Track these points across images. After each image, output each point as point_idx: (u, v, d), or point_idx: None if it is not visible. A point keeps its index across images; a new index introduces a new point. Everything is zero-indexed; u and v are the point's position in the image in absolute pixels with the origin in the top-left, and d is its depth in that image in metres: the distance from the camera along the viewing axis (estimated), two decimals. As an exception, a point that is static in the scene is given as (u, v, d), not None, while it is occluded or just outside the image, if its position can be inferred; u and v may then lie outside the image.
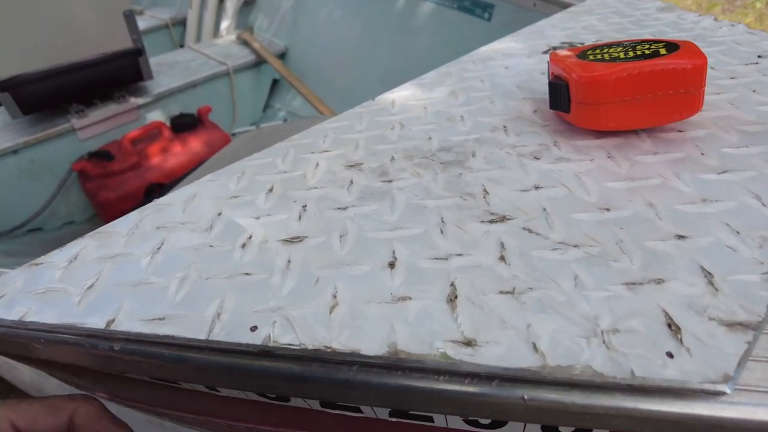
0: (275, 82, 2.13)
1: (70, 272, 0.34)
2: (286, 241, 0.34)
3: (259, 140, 1.20)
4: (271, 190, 0.41)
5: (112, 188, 1.54)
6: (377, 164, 0.42)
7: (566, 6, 1.05)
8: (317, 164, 0.44)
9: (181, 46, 2.54)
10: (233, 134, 1.94)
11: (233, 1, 2.24)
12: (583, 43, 0.64)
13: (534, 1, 1.13)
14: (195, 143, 1.68)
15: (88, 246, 0.37)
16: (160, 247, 0.35)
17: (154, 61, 1.84)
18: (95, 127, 1.66)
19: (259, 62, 2.02)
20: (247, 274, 0.32)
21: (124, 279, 0.33)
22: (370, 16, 1.77)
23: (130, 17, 1.57)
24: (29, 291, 0.33)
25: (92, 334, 0.29)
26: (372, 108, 0.54)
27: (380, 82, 1.74)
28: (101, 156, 1.57)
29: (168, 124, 1.70)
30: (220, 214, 0.38)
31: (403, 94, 0.56)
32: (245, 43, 2.08)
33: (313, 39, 2.01)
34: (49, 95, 1.57)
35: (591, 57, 0.42)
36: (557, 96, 0.43)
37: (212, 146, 1.71)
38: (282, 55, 2.08)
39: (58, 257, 0.36)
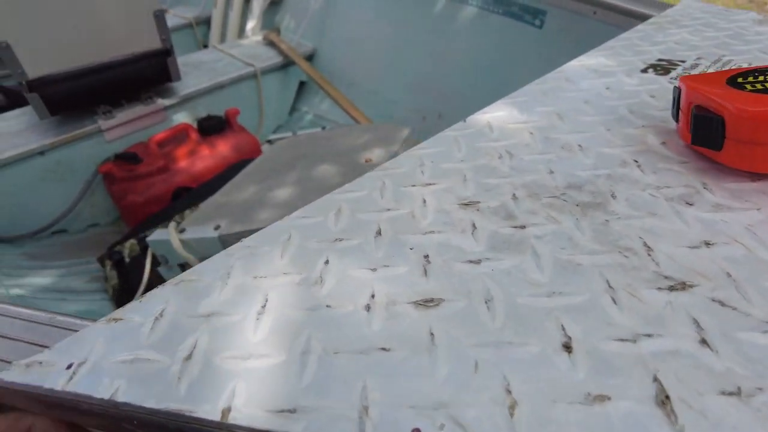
0: (302, 85, 2.08)
1: (159, 335, 0.29)
2: (418, 304, 0.29)
3: (297, 148, 1.14)
4: (379, 232, 0.35)
5: (139, 192, 1.49)
6: (497, 203, 0.37)
7: (632, 15, 0.99)
8: (424, 201, 0.38)
9: (205, 45, 2.49)
10: (269, 140, 1.89)
11: (260, 0, 2.19)
12: (684, 61, 0.58)
13: (594, 9, 1.07)
14: (223, 146, 1.63)
15: (172, 299, 0.32)
16: (264, 305, 0.30)
17: (180, 61, 1.80)
18: (122, 128, 1.62)
19: (286, 64, 1.97)
20: (384, 349, 0.26)
21: (228, 350, 0.28)
22: (404, 19, 1.71)
23: (160, 17, 1.53)
24: (115, 358, 0.28)
25: (205, 426, 0.24)
26: (466, 131, 0.48)
27: (412, 86, 1.69)
28: (128, 158, 1.53)
29: (195, 126, 1.65)
30: (327, 262, 0.33)
31: (498, 115, 0.51)
32: (272, 44, 2.03)
33: (343, 41, 1.96)
34: (77, 96, 1.53)
35: (749, 87, 0.36)
36: (705, 131, 0.37)
37: (240, 150, 1.66)
38: (309, 57, 2.03)
39: (139, 314, 0.31)
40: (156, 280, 1.28)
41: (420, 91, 1.66)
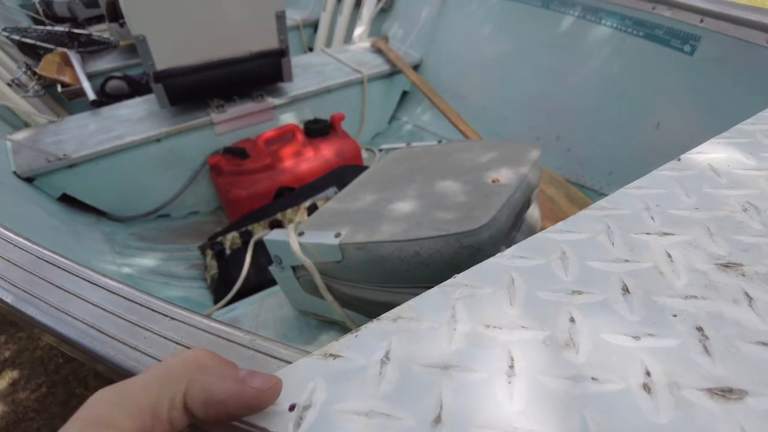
0: (404, 94, 2.07)
1: (392, 385, 0.25)
2: (713, 393, 0.23)
3: (414, 160, 1.11)
4: (626, 289, 0.30)
5: (244, 186, 1.52)
6: (766, 269, 0.31)
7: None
8: (668, 255, 0.33)
9: (310, 48, 2.55)
10: (380, 149, 1.89)
11: (370, 7, 2.20)
12: None
13: (767, 37, 0.96)
14: (326, 150, 1.64)
15: (394, 340, 0.28)
16: (512, 366, 0.26)
17: (289, 63, 1.84)
18: (231, 123, 1.67)
19: (392, 72, 1.95)
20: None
21: (482, 416, 0.23)
22: (523, 34, 1.65)
23: (281, 18, 1.56)
24: (344, 407, 0.25)
25: None
26: (685, 173, 0.42)
27: (526, 104, 1.62)
28: (236, 153, 1.56)
29: (301, 127, 1.67)
30: (572, 320, 0.28)
31: (718, 157, 0.44)
32: (379, 51, 2.02)
33: (452, 52, 1.92)
34: (195, 89, 1.59)
35: None
36: None
37: (342, 155, 1.66)
38: (415, 67, 2.01)
39: (359, 352, 0.28)
40: (253, 276, 1.30)
41: (535, 109, 1.58)
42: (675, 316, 0.28)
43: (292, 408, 0.25)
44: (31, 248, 0.46)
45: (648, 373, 0.25)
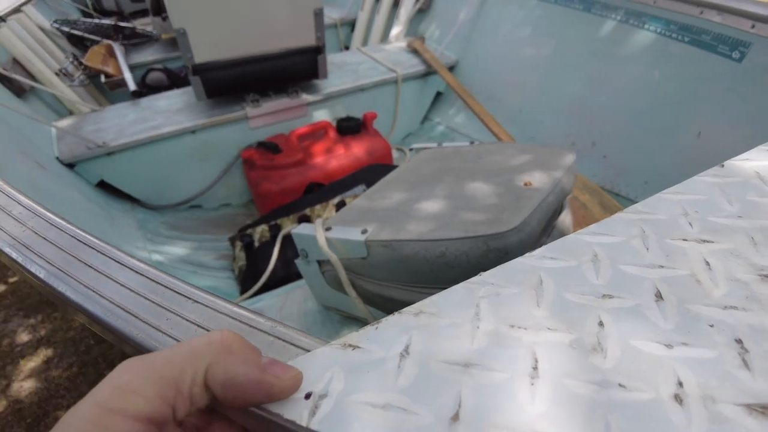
0: (437, 95, 2.06)
1: (411, 380, 0.25)
2: (752, 409, 0.22)
3: (445, 161, 1.10)
4: (659, 296, 0.29)
5: (275, 181, 1.54)
6: (814, 283, 0.29)
7: None
8: (707, 263, 0.31)
9: (346, 47, 2.56)
10: (411, 148, 1.89)
11: (407, 7, 2.19)
12: None
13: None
14: (357, 148, 1.64)
15: (415, 334, 0.28)
16: (535, 367, 0.25)
17: (324, 60, 1.85)
18: (265, 117, 1.69)
19: (427, 73, 1.95)
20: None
21: (502, 416, 0.23)
22: (563, 38, 1.61)
23: (319, 15, 1.57)
24: (360, 398, 0.24)
25: None
26: (729, 179, 0.40)
27: (563, 109, 1.58)
28: (269, 147, 1.58)
29: (334, 124, 1.68)
30: (601, 324, 0.27)
31: (764, 164, 0.42)
32: (415, 51, 2.02)
33: (488, 54, 1.90)
34: (232, 83, 1.62)
35: None
36: None
37: (373, 153, 1.66)
38: (450, 69, 1.99)
39: (379, 344, 0.27)
40: (280, 269, 1.31)
41: (571, 114, 1.55)
42: (712, 326, 0.26)
43: (308, 396, 0.25)
44: (68, 228, 0.47)
45: (680, 384, 0.23)
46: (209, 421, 0.26)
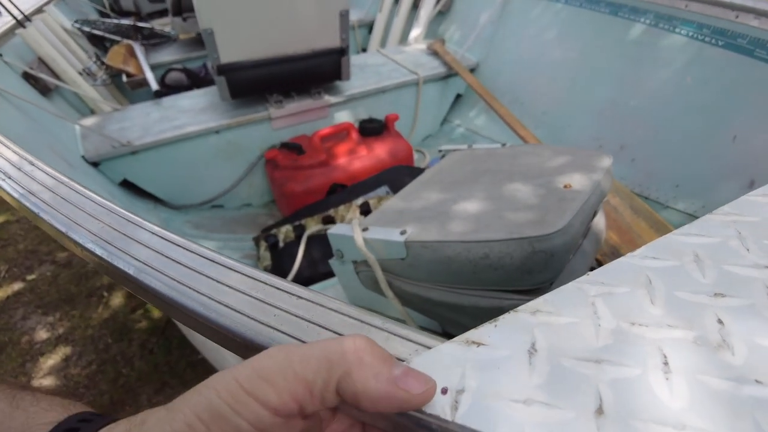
0: (457, 97, 2.06)
1: (545, 377, 0.25)
2: None
3: (478, 163, 1.10)
4: (774, 297, 0.29)
5: (299, 181, 1.55)
6: None
7: None
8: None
9: (364, 49, 2.57)
10: (440, 150, 1.89)
11: (427, 9, 2.20)
12: None
13: None
14: (380, 149, 1.65)
15: (537, 331, 0.28)
16: (666, 363, 0.25)
17: (345, 62, 1.86)
18: (288, 118, 1.70)
19: (447, 75, 1.95)
20: None
21: (645, 411, 0.23)
22: (589, 41, 1.61)
23: (344, 17, 1.58)
24: (498, 395, 0.24)
25: None
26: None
27: (591, 112, 1.58)
28: (293, 148, 1.59)
29: (356, 126, 1.69)
30: (720, 321, 0.27)
31: None
32: (435, 53, 2.02)
33: (511, 57, 1.90)
34: (256, 83, 1.62)
35: None
36: None
37: (395, 155, 1.67)
38: (471, 71, 2.00)
39: (503, 341, 0.27)
40: (306, 269, 1.31)
41: (598, 117, 1.55)
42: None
43: (444, 391, 0.25)
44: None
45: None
46: (335, 411, 0.26)
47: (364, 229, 0.95)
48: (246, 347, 0.32)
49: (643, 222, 1.16)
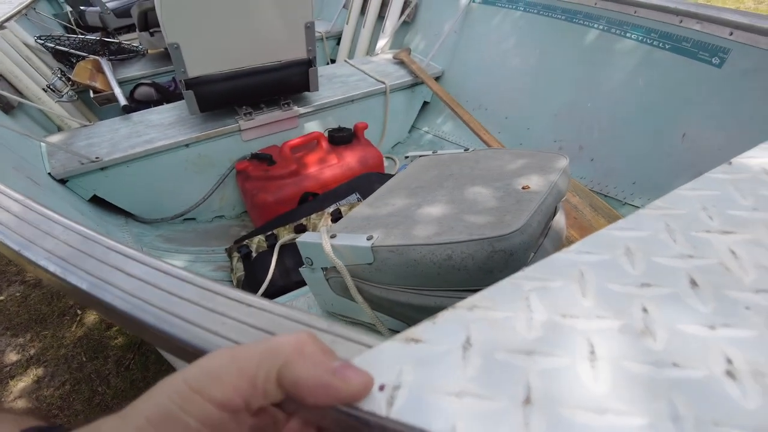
0: (424, 105, 2.09)
1: (478, 369, 0.26)
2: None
3: (443, 167, 1.12)
4: (694, 283, 0.31)
5: (270, 191, 1.55)
6: (834, 267, 0.31)
7: None
8: (732, 252, 0.33)
9: (332, 60, 2.59)
10: (406, 156, 1.91)
11: (393, 20, 2.23)
12: None
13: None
14: (350, 157, 1.66)
15: (472, 326, 0.29)
16: (593, 351, 0.26)
17: (314, 73, 1.87)
18: (258, 129, 1.70)
19: (414, 83, 1.98)
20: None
21: (571, 398, 0.24)
22: (547, 47, 1.66)
23: (310, 29, 1.59)
24: (433, 388, 0.25)
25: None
26: (739, 176, 0.43)
27: (550, 115, 1.63)
28: (263, 159, 1.59)
29: (326, 135, 1.70)
30: (645, 310, 0.29)
31: (769, 161, 0.45)
32: (401, 63, 2.05)
33: (474, 64, 1.94)
34: (225, 96, 1.62)
35: None
36: None
37: (365, 162, 1.68)
38: (437, 79, 2.03)
39: (440, 338, 0.29)
40: (279, 279, 1.31)
41: (557, 120, 1.60)
42: (748, 308, 0.29)
43: (381, 388, 0.26)
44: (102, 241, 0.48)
45: (730, 361, 0.25)
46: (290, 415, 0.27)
47: (332, 236, 0.96)
48: (197, 356, 0.33)
49: (603, 219, 1.20)
